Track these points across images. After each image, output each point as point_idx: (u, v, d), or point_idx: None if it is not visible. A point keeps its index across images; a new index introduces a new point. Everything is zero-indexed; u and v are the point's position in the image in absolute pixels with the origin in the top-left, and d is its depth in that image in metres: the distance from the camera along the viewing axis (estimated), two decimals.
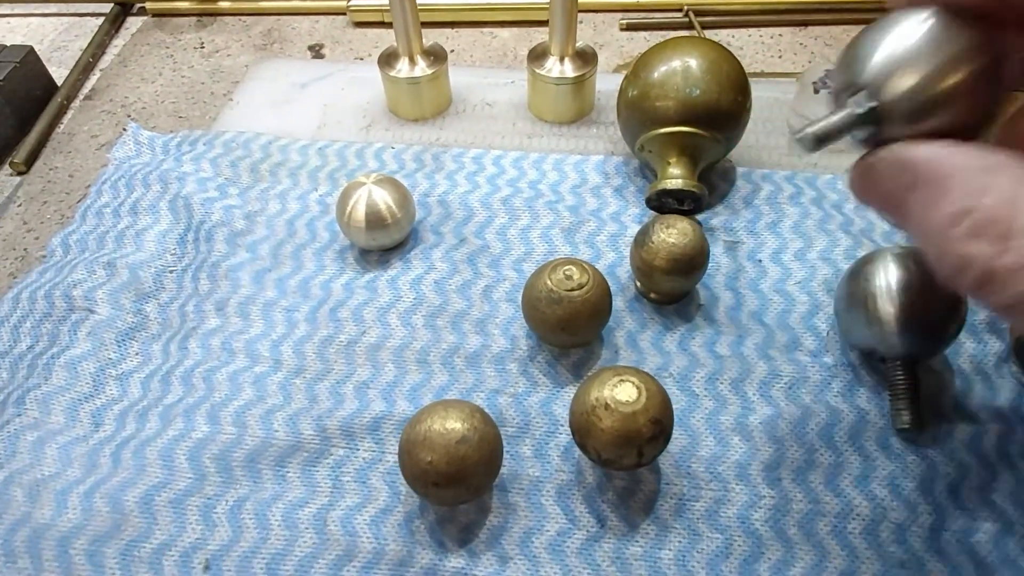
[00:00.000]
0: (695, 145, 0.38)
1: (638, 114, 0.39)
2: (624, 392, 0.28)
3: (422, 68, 0.45)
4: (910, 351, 0.31)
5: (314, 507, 0.30)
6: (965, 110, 0.20)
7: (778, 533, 0.29)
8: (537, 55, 0.45)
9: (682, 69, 0.38)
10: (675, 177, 0.38)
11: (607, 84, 0.47)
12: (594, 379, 0.29)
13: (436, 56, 0.46)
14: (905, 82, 0.20)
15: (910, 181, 0.19)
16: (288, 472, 0.31)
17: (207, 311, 0.37)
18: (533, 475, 0.31)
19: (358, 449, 0.32)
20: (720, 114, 0.38)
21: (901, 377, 0.31)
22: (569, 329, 0.32)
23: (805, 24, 0.55)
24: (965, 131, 0.20)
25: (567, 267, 0.32)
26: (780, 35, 0.55)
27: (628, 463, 0.28)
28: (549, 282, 0.32)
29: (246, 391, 0.34)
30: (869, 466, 0.31)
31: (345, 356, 0.35)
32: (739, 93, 0.38)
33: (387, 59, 0.46)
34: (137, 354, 0.36)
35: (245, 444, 0.32)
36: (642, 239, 0.34)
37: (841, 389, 0.33)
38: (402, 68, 0.45)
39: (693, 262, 0.33)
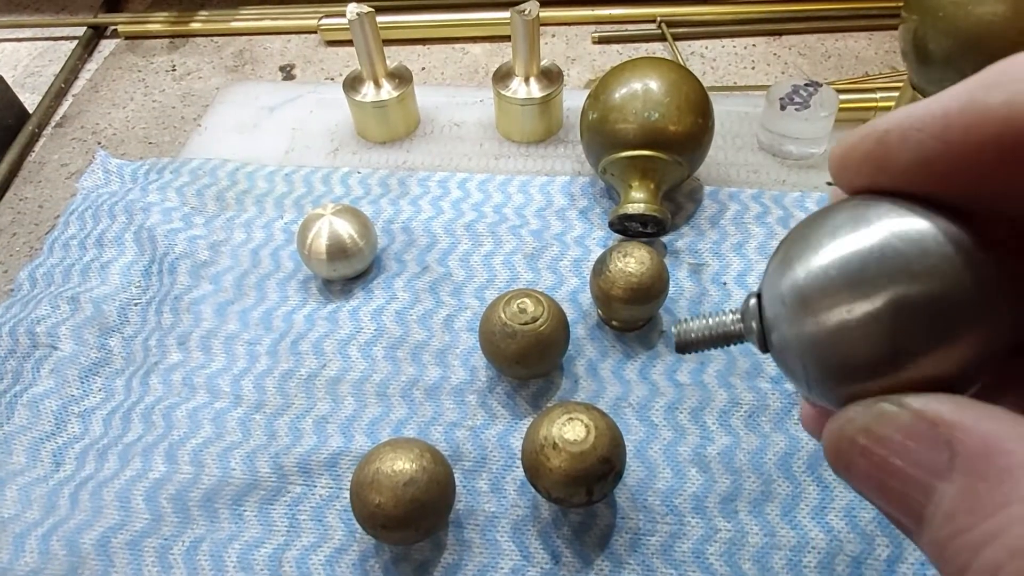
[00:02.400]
0: (656, 168, 0.38)
1: (599, 137, 0.39)
2: (573, 431, 0.27)
3: (387, 91, 0.45)
4: None
5: (270, 547, 0.30)
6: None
7: (733, 568, 0.29)
8: (502, 75, 0.45)
9: (641, 92, 0.37)
10: (637, 201, 0.37)
11: (578, 100, 0.46)
12: (544, 417, 0.28)
13: (401, 78, 0.46)
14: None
15: (939, 462, 0.11)
16: (245, 511, 0.31)
17: (169, 345, 0.37)
18: (489, 510, 0.31)
19: (315, 486, 0.32)
20: (680, 137, 0.37)
21: None
22: (524, 362, 0.32)
23: (779, 34, 0.54)
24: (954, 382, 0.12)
25: (521, 300, 0.32)
26: (754, 45, 0.54)
27: (578, 501, 0.28)
28: (503, 315, 0.32)
29: (205, 428, 0.34)
30: (827, 496, 0.30)
31: (305, 390, 0.35)
32: (699, 115, 0.38)
33: (352, 83, 0.45)
34: (100, 390, 0.36)
35: (202, 483, 0.32)
36: (600, 268, 0.34)
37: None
38: (367, 92, 0.45)
39: (651, 291, 0.33)
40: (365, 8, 0.41)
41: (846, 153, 0.14)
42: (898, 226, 0.12)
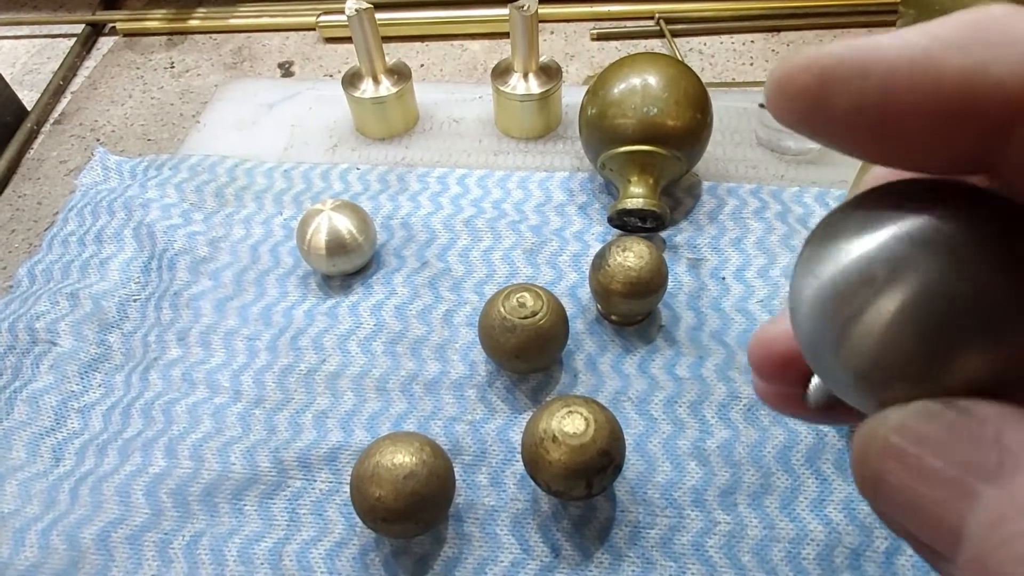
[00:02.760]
0: (655, 163, 0.38)
1: (598, 133, 0.39)
2: (572, 424, 0.28)
3: (386, 87, 0.45)
4: None
5: (270, 541, 0.30)
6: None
7: (732, 560, 0.29)
8: (501, 71, 0.45)
9: (640, 87, 0.37)
10: (636, 196, 0.38)
11: (577, 97, 0.46)
12: (544, 410, 0.28)
13: (400, 74, 0.46)
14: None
15: (987, 462, 0.10)
16: (245, 505, 0.31)
17: (169, 341, 0.37)
18: (488, 504, 0.31)
19: (315, 480, 0.32)
20: (679, 132, 0.37)
21: None
22: (524, 356, 0.32)
23: (777, 30, 0.54)
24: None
25: (520, 294, 0.32)
26: (752, 42, 0.54)
27: (578, 494, 0.28)
28: (502, 310, 0.32)
29: (205, 423, 0.34)
30: (826, 489, 0.30)
31: (305, 385, 0.35)
32: (698, 110, 0.38)
33: (351, 79, 0.45)
34: (100, 386, 0.36)
35: (202, 478, 0.32)
36: (599, 263, 0.34)
37: None
38: (366, 88, 0.45)
39: (650, 285, 0.33)
40: (364, 4, 0.41)
41: (783, 80, 0.11)
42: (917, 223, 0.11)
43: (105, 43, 0.59)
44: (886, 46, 0.10)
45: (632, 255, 0.33)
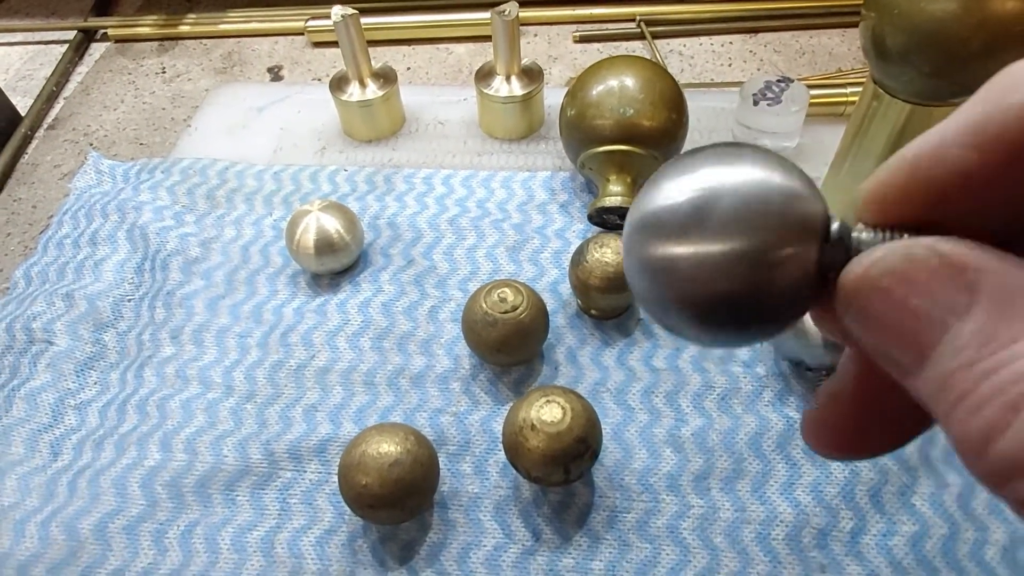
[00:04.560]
0: (633, 162, 0.39)
1: (577, 133, 0.40)
2: (550, 413, 0.29)
3: (373, 90, 0.46)
4: (835, 361, 0.32)
5: (262, 530, 0.31)
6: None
7: (704, 541, 0.30)
8: (484, 74, 0.46)
9: (617, 89, 0.39)
10: (614, 194, 0.39)
11: (559, 98, 0.48)
12: (523, 400, 0.30)
13: (386, 78, 0.47)
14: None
15: (959, 303, 0.11)
16: (237, 496, 0.32)
17: (162, 339, 0.38)
18: (472, 492, 0.32)
19: (305, 471, 0.33)
20: (655, 132, 0.39)
21: None
22: (505, 350, 0.33)
23: (755, 31, 0.56)
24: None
25: (501, 290, 0.33)
26: (730, 43, 0.56)
27: (556, 480, 0.29)
28: (484, 305, 0.33)
29: (198, 418, 0.35)
30: (795, 473, 0.32)
31: (295, 380, 0.36)
32: (673, 111, 0.39)
33: (338, 83, 0.47)
34: (95, 383, 0.37)
35: (196, 470, 0.33)
36: (578, 258, 0.35)
37: (771, 398, 0.34)
38: (353, 92, 0.46)
39: None
40: (349, 10, 0.42)
41: (880, 189, 0.13)
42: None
43: (97, 49, 0.60)
44: (950, 120, 0.13)
45: (610, 251, 0.35)
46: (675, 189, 0.13)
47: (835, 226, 0.13)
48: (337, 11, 0.42)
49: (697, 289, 0.13)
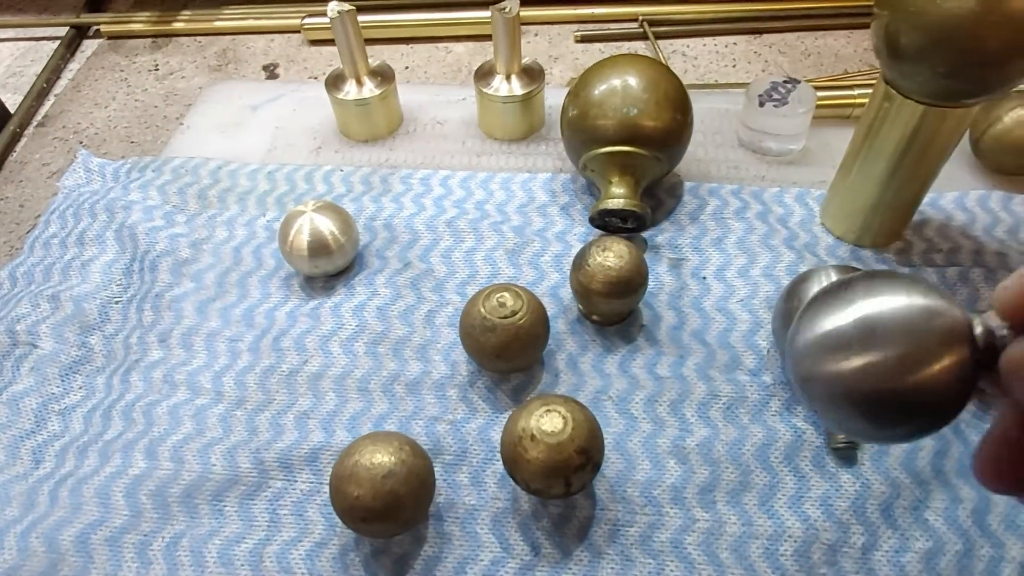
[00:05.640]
0: (636, 164, 0.38)
1: (579, 134, 0.39)
2: (550, 422, 0.28)
3: (370, 89, 0.45)
4: None
5: (250, 542, 0.30)
6: None
7: (710, 557, 0.29)
8: (484, 73, 0.45)
9: (620, 88, 0.38)
10: (617, 197, 0.38)
11: (560, 98, 0.47)
12: (523, 409, 0.29)
13: (383, 76, 0.46)
14: None
15: None
16: (225, 506, 0.31)
17: (150, 343, 0.37)
18: (469, 503, 0.31)
19: (296, 481, 0.32)
20: (659, 133, 0.38)
21: None
22: (505, 356, 0.32)
23: (759, 32, 0.55)
24: None
25: (500, 294, 0.32)
26: (735, 44, 0.55)
27: (557, 492, 0.28)
28: (483, 310, 0.32)
29: (185, 424, 0.34)
30: (803, 486, 0.31)
31: (286, 386, 0.35)
32: (678, 111, 0.38)
33: (334, 81, 0.45)
34: (81, 388, 0.36)
35: (182, 479, 0.32)
36: (579, 262, 0.34)
37: (779, 408, 0.33)
38: (350, 90, 0.45)
39: (630, 284, 0.33)
40: (346, 6, 0.41)
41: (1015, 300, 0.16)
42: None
43: (89, 46, 0.59)
44: None
45: (612, 254, 0.34)
46: (840, 316, 0.18)
47: (979, 330, 0.17)
48: (334, 7, 0.41)
49: (865, 387, 0.17)
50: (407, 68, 0.55)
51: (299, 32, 0.57)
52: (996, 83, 0.29)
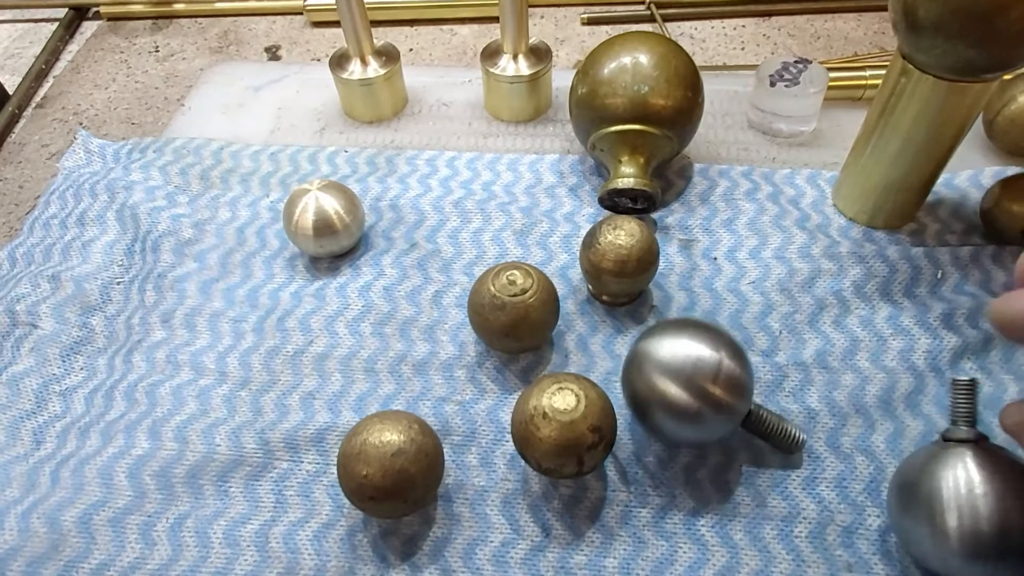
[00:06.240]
0: (646, 143, 0.37)
1: (588, 112, 0.38)
2: (562, 400, 0.27)
3: (374, 69, 0.44)
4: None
5: (256, 523, 0.30)
6: None
7: (723, 539, 0.29)
8: (491, 53, 0.44)
9: (631, 66, 0.37)
10: (627, 176, 0.37)
11: (566, 80, 0.46)
12: (534, 387, 0.28)
13: (388, 56, 0.45)
14: None
15: None
16: (230, 487, 0.31)
17: (153, 323, 0.36)
18: (478, 484, 0.30)
19: (302, 462, 0.31)
20: (670, 111, 0.37)
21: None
22: (514, 335, 0.32)
23: (768, 15, 0.54)
24: None
25: (510, 272, 0.32)
26: (743, 26, 0.54)
27: (569, 471, 0.27)
28: (492, 288, 0.32)
29: (189, 405, 0.33)
30: (818, 467, 0.30)
31: (292, 366, 0.34)
32: (689, 89, 0.37)
33: (339, 61, 0.45)
34: (82, 369, 0.35)
35: (186, 460, 0.31)
36: (590, 241, 0.34)
37: (792, 389, 0.32)
38: (354, 70, 0.44)
39: (641, 263, 0.33)
40: None
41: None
42: None
43: (89, 27, 0.58)
44: None
45: (623, 233, 0.33)
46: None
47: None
48: None
49: None
50: (411, 50, 0.54)
51: (301, 14, 0.56)
52: (1017, 56, 0.29)
